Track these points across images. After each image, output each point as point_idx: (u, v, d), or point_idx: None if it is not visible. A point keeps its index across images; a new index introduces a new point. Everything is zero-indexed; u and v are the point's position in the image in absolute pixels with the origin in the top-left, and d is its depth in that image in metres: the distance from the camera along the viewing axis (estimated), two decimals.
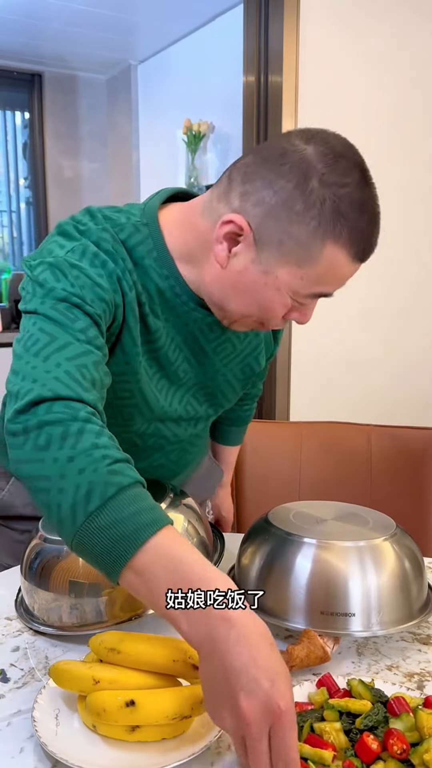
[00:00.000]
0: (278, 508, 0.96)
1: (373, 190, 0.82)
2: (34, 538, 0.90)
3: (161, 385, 0.97)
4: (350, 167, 0.79)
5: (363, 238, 0.80)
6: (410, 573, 0.84)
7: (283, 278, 0.81)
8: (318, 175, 0.77)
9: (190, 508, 0.93)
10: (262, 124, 2.11)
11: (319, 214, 0.77)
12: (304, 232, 0.78)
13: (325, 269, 0.80)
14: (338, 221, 0.77)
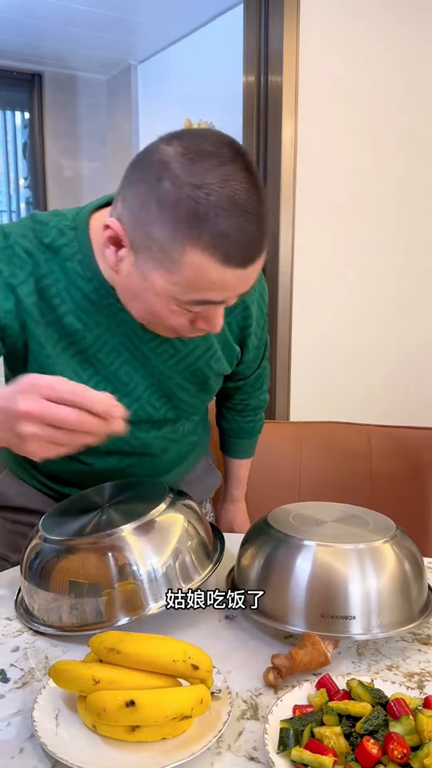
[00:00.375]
0: (278, 510, 0.95)
1: (249, 188, 0.74)
2: (34, 538, 0.90)
3: (101, 388, 0.94)
4: (213, 166, 0.73)
5: (230, 242, 0.73)
6: (410, 575, 0.84)
7: (158, 283, 0.79)
8: (171, 176, 0.73)
9: (189, 508, 0.93)
10: (262, 124, 2.12)
11: (175, 216, 0.73)
12: (162, 235, 0.75)
13: (193, 275, 0.76)
14: (195, 224, 0.72)
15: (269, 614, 0.83)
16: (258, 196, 0.76)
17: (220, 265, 0.75)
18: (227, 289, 0.79)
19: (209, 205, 0.72)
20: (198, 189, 0.72)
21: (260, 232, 0.77)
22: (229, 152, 0.75)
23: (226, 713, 0.67)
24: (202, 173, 0.72)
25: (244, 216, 0.74)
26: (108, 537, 0.83)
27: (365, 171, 2.26)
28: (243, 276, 0.78)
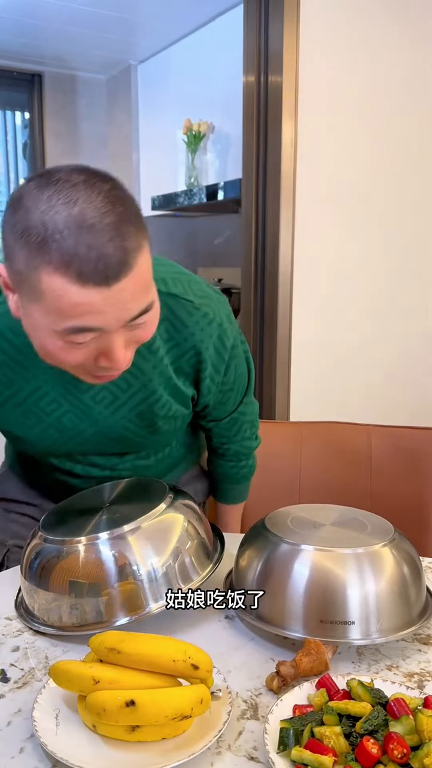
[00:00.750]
0: (276, 513, 0.95)
1: (103, 207, 0.73)
2: (34, 538, 0.90)
3: (48, 434, 0.99)
4: (60, 191, 0.73)
5: (80, 260, 0.71)
6: (409, 578, 0.84)
7: (36, 318, 0.78)
8: (23, 207, 0.74)
9: (189, 508, 0.93)
10: (262, 124, 2.11)
11: (26, 240, 0.73)
12: (21, 266, 0.75)
13: (55, 300, 0.74)
14: (42, 248, 0.72)
15: (267, 620, 0.82)
16: (116, 214, 0.74)
17: (78, 286, 0.73)
18: (98, 312, 0.75)
19: (55, 226, 0.71)
20: (44, 213, 0.72)
21: (119, 249, 0.73)
22: (81, 177, 0.76)
23: (226, 713, 0.67)
24: (48, 199, 0.73)
25: (95, 234, 0.72)
26: (108, 537, 0.83)
27: (365, 171, 2.26)
28: (111, 296, 0.74)
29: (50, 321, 0.76)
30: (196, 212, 3.49)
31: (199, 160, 3.13)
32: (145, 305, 0.79)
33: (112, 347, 0.79)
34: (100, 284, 0.73)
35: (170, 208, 3.28)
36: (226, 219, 3.46)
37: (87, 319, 0.75)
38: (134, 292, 0.77)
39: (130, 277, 0.75)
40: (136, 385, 0.98)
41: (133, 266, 0.75)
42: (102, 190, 0.75)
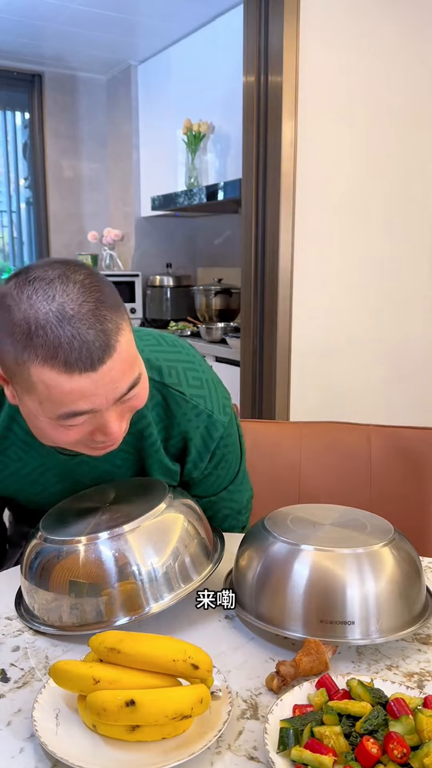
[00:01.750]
0: (275, 513, 0.95)
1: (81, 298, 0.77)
2: (34, 538, 0.90)
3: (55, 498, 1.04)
4: (39, 288, 0.77)
5: (65, 350, 0.76)
6: (409, 578, 0.83)
7: (31, 406, 0.82)
8: (6, 307, 0.78)
9: (190, 508, 0.93)
10: (262, 124, 2.12)
11: (13, 341, 0.77)
12: (11, 362, 0.80)
13: (46, 390, 0.78)
14: (29, 342, 0.76)
15: (267, 620, 0.82)
16: (95, 303, 0.78)
17: (66, 375, 0.77)
18: (90, 396, 0.79)
19: (37, 322, 0.76)
20: (25, 312, 0.76)
21: (100, 333, 0.77)
22: (56, 273, 0.79)
23: (226, 713, 0.67)
24: (27, 298, 0.77)
25: (75, 323, 0.76)
26: (108, 537, 0.83)
27: (365, 170, 2.26)
28: (99, 378, 0.79)
29: (44, 409, 0.81)
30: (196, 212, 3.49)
31: (199, 160, 3.13)
32: (132, 380, 0.83)
33: (106, 423, 0.83)
34: (87, 370, 0.77)
35: (170, 208, 3.29)
36: (226, 219, 3.46)
37: (79, 404, 0.79)
38: (121, 370, 0.81)
39: (115, 358, 0.79)
40: (132, 465, 1.04)
41: (116, 347, 0.79)
42: (77, 281, 0.79)
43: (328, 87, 2.12)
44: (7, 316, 0.78)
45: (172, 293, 3.62)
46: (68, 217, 3.86)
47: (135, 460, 1.04)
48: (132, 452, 1.03)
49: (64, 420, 0.81)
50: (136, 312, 3.57)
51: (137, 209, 3.71)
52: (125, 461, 1.04)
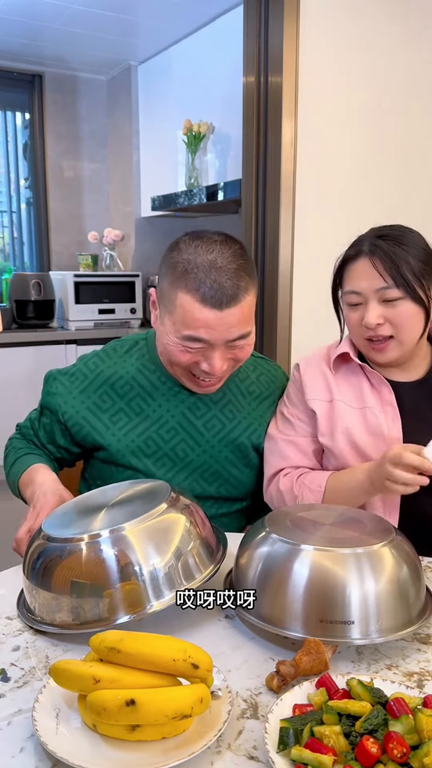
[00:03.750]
0: (276, 513, 0.95)
1: (231, 259, 1.04)
2: (36, 538, 0.90)
3: (161, 464, 1.21)
4: (203, 242, 1.06)
5: (206, 288, 1.03)
6: (409, 578, 0.83)
7: (167, 325, 1.09)
8: (177, 249, 1.07)
9: (192, 508, 0.93)
10: (262, 124, 2.12)
11: (173, 273, 1.06)
12: (166, 287, 1.08)
13: (182, 313, 1.05)
14: (184, 276, 1.04)
15: (267, 620, 0.82)
16: (237, 265, 1.05)
17: (199, 305, 1.03)
18: (209, 328, 1.05)
19: (194, 264, 1.04)
20: (190, 255, 1.05)
21: (233, 286, 1.04)
22: (220, 237, 1.08)
23: (226, 712, 0.67)
24: (195, 247, 1.06)
25: (220, 272, 1.03)
26: (110, 537, 0.83)
27: (365, 171, 2.26)
28: (221, 318, 1.04)
29: (176, 329, 1.07)
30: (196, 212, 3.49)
31: (199, 161, 3.13)
32: (243, 332, 1.08)
33: (213, 356, 1.08)
34: (215, 307, 1.03)
35: (170, 209, 3.28)
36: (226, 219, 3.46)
37: (200, 332, 1.05)
38: (238, 320, 1.06)
39: (237, 308, 1.05)
40: (238, 417, 1.24)
41: (241, 301, 1.05)
42: (232, 248, 1.06)
43: (328, 87, 2.12)
44: (176, 254, 1.06)
45: None
46: (68, 217, 3.86)
47: (242, 417, 1.25)
48: (239, 408, 1.25)
49: (186, 341, 1.07)
50: (136, 312, 3.57)
51: (137, 209, 3.71)
52: (234, 416, 1.24)
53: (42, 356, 3.12)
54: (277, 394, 1.31)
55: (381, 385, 1.19)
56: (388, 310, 1.12)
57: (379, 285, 1.11)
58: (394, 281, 1.10)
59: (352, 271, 1.16)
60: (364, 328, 1.14)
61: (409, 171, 2.36)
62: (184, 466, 1.21)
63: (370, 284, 1.12)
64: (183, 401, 1.21)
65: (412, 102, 2.31)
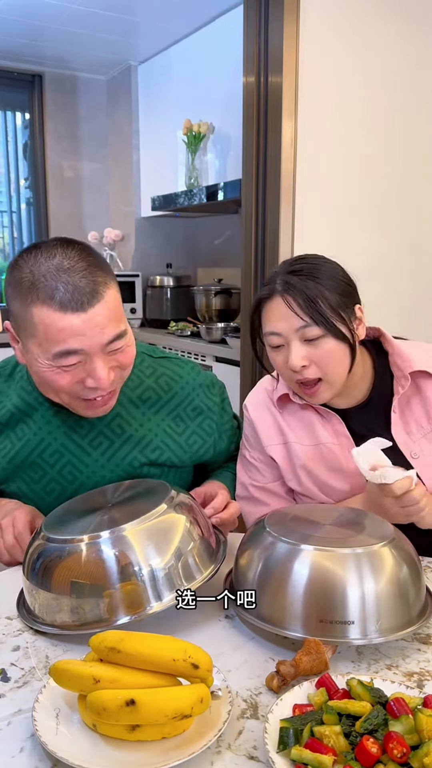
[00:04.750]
0: (276, 513, 0.95)
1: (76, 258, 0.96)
2: (36, 538, 0.90)
3: (51, 487, 1.14)
4: (42, 250, 0.97)
5: (60, 293, 0.93)
6: (409, 578, 0.83)
7: (34, 351, 0.98)
8: (17, 266, 0.98)
9: (192, 508, 0.93)
10: (262, 125, 2.12)
11: (20, 291, 0.96)
12: (17, 308, 0.98)
13: (44, 329, 0.95)
14: (32, 290, 0.94)
15: (266, 619, 0.82)
16: (88, 263, 0.96)
17: (60, 313, 0.94)
18: (79, 335, 0.94)
19: (39, 273, 0.95)
20: (31, 266, 0.96)
21: (90, 282, 0.95)
22: (59, 242, 0.99)
23: (226, 712, 0.67)
24: (34, 257, 0.96)
25: (70, 274, 0.95)
26: (110, 537, 0.83)
27: (365, 171, 2.26)
28: (88, 320, 0.94)
29: (43, 350, 0.96)
30: (196, 212, 3.49)
31: (199, 161, 3.13)
32: (118, 331, 0.98)
33: (95, 368, 0.97)
34: (77, 310, 0.94)
35: (170, 209, 3.28)
36: (226, 219, 3.46)
37: (70, 342, 0.94)
38: (108, 318, 0.96)
39: (102, 305, 0.95)
40: (128, 431, 1.14)
41: (103, 296, 0.96)
42: (75, 248, 0.98)
43: (328, 87, 2.12)
44: (17, 273, 0.97)
45: (172, 293, 3.61)
46: (68, 217, 3.86)
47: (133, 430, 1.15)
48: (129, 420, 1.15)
49: (59, 360, 0.96)
50: (136, 312, 3.57)
51: (137, 209, 3.71)
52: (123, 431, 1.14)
53: None
54: (179, 397, 1.19)
55: (331, 418, 1.16)
56: (312, 350, 1.06)
57: (297, 324, 1.05)
58: (311, 319, 1.04)
59: (268, 312, 1.09)
60: (291, 371, 1.08)
61: (409, 171, 2.36)
62: (74, 490, 1.13)
63: (288, 324, 1.06)
64: (64, 421, 1.12)
65: (412, 101, 2.31)
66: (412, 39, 2.26)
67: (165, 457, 1.16)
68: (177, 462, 1.17)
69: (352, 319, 1.09)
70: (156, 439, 1.15)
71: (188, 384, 1.20)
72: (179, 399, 1.19)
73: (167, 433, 1.17)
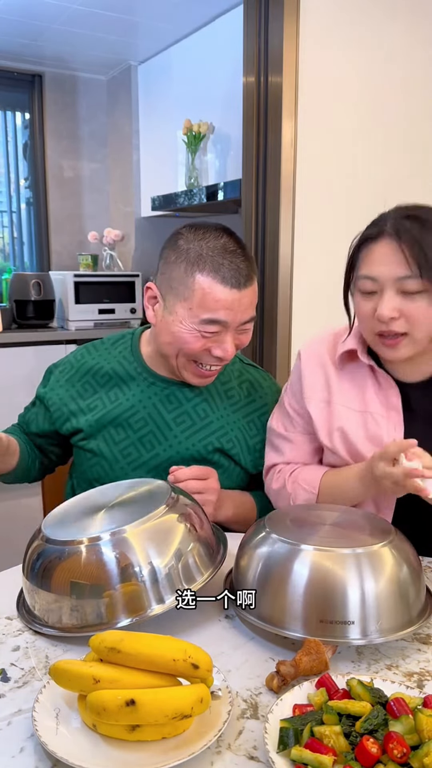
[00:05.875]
0: (276, 513, 0.95)
1: (236, 243, 1.10)
2: (36, 539, 0.90)
3: (129, 451, 1.23)
4: (208, 230, 1.11)
5: (225, 269, 1.07)
6: (409, 578, 0.83)
7: (180, 313, 1.11)
8: (183, 238, 1.12)
9: (192, 509, 0.93)
10: (262, 125, 2.12)
11: (186, 258, 1.09)
12: (178, 274, 1.10)
13: (202, 295, 1.08)
14: (199, 260, 1.08)
15: (267, 619, 0.82)
16: (243, 248, 1.11)
17: (221, 285, 1.07)
18: (229, 309, 1.08)
19: (208, 249, 1.09)
20: (200, 241, 1.10)
21: (247, 267, 1.10)
22: (219, 226, 1.12)
23: (226, 712, 0.67)
24: (201, 234, 1.10)
25: (234, 255, 1.09)
26: (110, 538, 0.83)
27: (365, 171, 2.26)
28: (240, 298, 1.09)
29: (193, 314, 1.09)
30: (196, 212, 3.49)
31: (199, 161, 3.13)
32: (253, 314, 1.14)
33: (226, 340, 1.12)
34: (236, 287, 1.08)
35: (170, 209, 3.28)
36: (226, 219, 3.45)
37: (221, 313, 1.09)
38: (251, 301, 1.12)
39: (251, 289, 1.11)
40: (210, 417, 1.24)
41: (254, 281, 1.12)
42: (234, 236, 1.12)
43: (328, 87, 2.12)
44: (182, 245, 1.11)
45: None
46: (68, 217, 3.85)
47: (215, 417, 1.24)
48: (213, 408, 1.25)
49: (203, 325, 1.09)
50: (136, 312, 3.57)
51: (137, 209, 3.71)
52: (207, 414, 1.23)
53: (42, 356, 3.12)
54: (256, 405, 1.28)
55: (389, 388, 1.10)
56: (406, 303, 0.99)
57: (400, 273, 0.98)
58: (419, 270, 0.97)
59: (371, 253, 1.02)
60: (376, 321, 1.02)
61: (410, 170, 2.36)
62: (150, 458, 1.22)
63: (390, 270, 0.99)
64: (156, 393, 1.23)
65: (413, 101, 2.31)
66: (413, 38, 2.26)
67: (235, 451, 1.24)
68: (242, 461, 1.25)
69: None
70: (231, 432, 1.24)
71: (266, 394, 1.31)
72: (256, 406, 1.29)
73: (241, 432, 1.25)
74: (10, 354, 3.08)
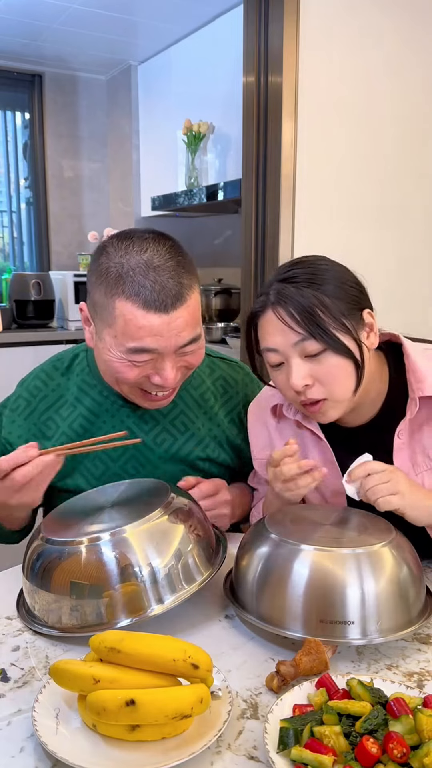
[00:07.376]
0: (276, 513, 0.95)
1: (167, 256, 0.95)
2: (36, 539, 0.90)
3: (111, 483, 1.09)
4: (133, 243, 0.95)
5: (147, 291, 0.92)
6: (409, 578, 0.83)
7: (107, 341, 0.97)
8: (105, 254, 0.97)
9: (192, 509, 0.93)
10: (262, 125, 2.11)
11: (105, 280, 0.95)
12: (99, 297, 0.96)
13: (123, 323, 0.94)
14: (119, 281, 0.93)
15: (267, 619, 0.82)
16: (176, 261, 0.95)
17: (143, 311, 0.93)
18: (157, 335, 0.94)
19: (129, 267, 0.93)
20: (121, 258, 0.94)
21: (177, 284, 0.94)
22: (151, 235, 0.97)
23: (226, 712, 0.67)
24: (125, 248, 0.95)
25: (158, 272, 0.93)
26: (110, 538, 0.83)
27: (365, 171, 2.26)
28: (168, 322, 0.94)
29: (117, 342, 0.96)
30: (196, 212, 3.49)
31: (199, 161, 3.13)
32: (194, 335, 0.98)
33: (164, 367, 0.98)
34: (160, 311, 0.93)
35: (170, 209, 3.28)
36: (226, 219, 3.45)
37: (147, 341, 0.94)
38: (186, 322, 0.96)
39: (183, 308, 0.95)
40: (191, 429, 1.16)
41: (187, 299, 0.95)
42: (166, 244, 0.97)
43: (328, 87, 2.12)
44: (105, 260, 0.96)
45: None
46: (68, 217, 3.86)
47: (195, 429, 1.17)
48: (192, 419, 1.17)
49: (131, 355, 0.96)
50: None
51: (137, 209, 3.71)
52: (186, 428, 1.16)
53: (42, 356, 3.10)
54: (233, 402, 1.22)
55: (318, 441, 1.07)
56: (314, 366, 0.95)
57: (293, 339, 0.94)
58: (308, 332, 0.92)
59: (263, 326, 0.98)
60: (293, 391, 0.97)
61: (410, 170, 2.36)
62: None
63: (285, 339, 0.94)
64: (128, 416, 1.13)
65: (412, 101, 2.31)
66: (413, 39, 2.26)
67: (223, 457, 1.19)
68: (231, 463, 1.21)
69: (359, 327, 0.98)
70: (215, 440, 1.18)
71: (241, 389, 1.23)
72: (233, 404, 1.22)
73: (224, 434, 1.19)
74: (10, 354, 3.08)
